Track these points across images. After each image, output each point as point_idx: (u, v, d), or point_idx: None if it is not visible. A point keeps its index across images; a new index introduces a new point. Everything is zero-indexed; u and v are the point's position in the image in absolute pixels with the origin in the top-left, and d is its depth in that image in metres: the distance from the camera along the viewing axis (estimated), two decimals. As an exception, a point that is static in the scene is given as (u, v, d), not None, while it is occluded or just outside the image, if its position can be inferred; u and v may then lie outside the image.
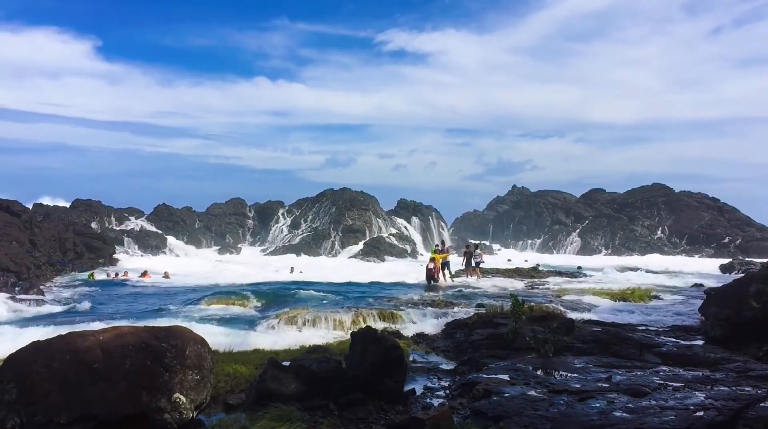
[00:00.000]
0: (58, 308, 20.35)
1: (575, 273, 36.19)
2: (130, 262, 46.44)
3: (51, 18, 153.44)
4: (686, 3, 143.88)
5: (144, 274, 38.68)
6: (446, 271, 29.75)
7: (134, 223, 63.69)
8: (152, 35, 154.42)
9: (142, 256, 52.76)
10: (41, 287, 25.82)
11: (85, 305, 21.01)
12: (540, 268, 37.71)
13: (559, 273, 35.30)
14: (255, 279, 31.53)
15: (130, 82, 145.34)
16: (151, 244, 59.01)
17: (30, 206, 51.74)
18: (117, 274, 37.23)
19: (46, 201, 58.57)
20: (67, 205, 60.92)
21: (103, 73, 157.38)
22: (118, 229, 60.71)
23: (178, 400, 5.90)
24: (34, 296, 23.37)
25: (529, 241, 75.74)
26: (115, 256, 47.14)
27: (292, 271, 37.87)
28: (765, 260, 12.15)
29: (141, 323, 7.88)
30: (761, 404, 6.86)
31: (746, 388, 7.74)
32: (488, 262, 32.90)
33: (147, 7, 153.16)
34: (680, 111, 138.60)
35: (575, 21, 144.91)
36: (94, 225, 56.54)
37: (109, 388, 5.81)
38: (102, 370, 5.84)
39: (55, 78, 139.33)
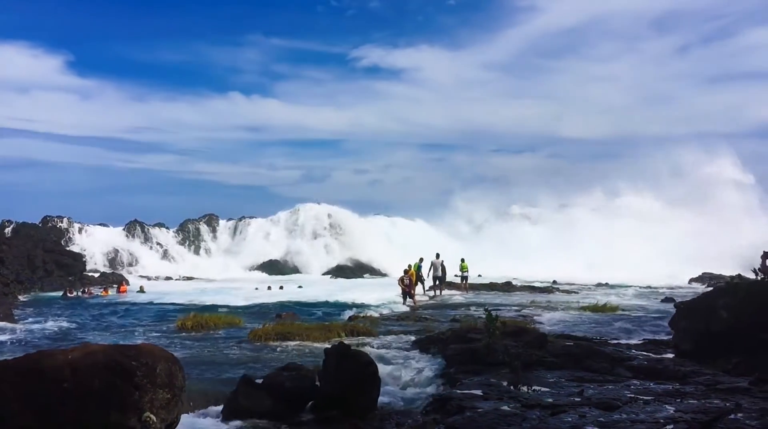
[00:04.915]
0: (29, 328, 19.88)
1: (549, 288, 36.46)
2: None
3: (22, 33, 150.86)
4: (655, 21, 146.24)
5: (121, 286, 38.17)
6: (422, 286, 29.90)
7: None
8: (125, 50, 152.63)
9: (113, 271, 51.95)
10: (11, 307, 25.28)
11: (59, 324, 20.54)
12: (514, 283, 37.94)
13: (532, 288, 35.55)
14: (231, 295, 31.26)
15: (103, 97, 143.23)
16: (122, 260, 58.23)
17: (-2, 223, 50.93)
18: (90, 291, 36.65)
19: (16, 217, 57.64)
20: (37, 221, 59.96)
21: (75, 88, 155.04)
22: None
23: (148, 419, 5.83)
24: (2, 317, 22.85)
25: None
26: (85, 273, 46.40)
27: (269, 289, 37.65)
28: (734, 273, 12.44)
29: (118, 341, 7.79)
30: (729, 417, 6.96)
31: (715, 401, 7.86)
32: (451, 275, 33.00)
33: (120, 22, 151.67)
34: (650, 127, 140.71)
35: (547, 38, 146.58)
36: (63, 242, 55.64)
37: (79, 408, 5.73)
38: (71, 390, 5.76)
39: (25, 93, 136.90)
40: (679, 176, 70.08)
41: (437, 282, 30.66)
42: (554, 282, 41.44)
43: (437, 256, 31.17)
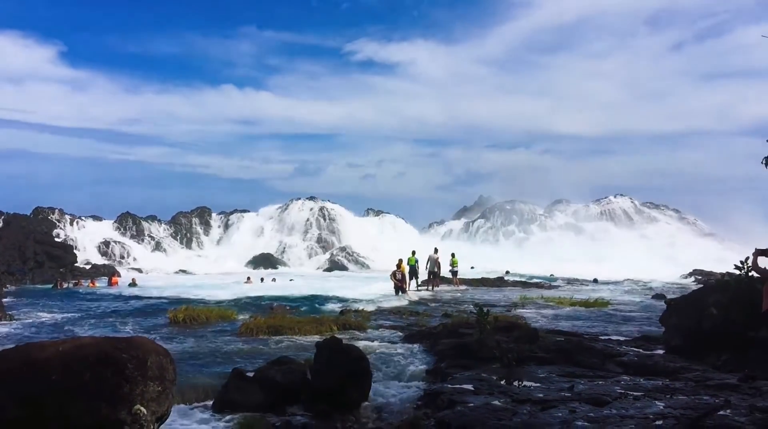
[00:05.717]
0: (19, 320, 19.78)
1: (542, 282, 36.50)
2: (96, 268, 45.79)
3: (14, 22, 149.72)
4: (649, 18, 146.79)
5: (112, 278, 38.07)
6: (416, 280, 29.98)
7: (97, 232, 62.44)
8: (118, 41, 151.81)
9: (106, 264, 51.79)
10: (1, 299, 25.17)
11: (50, 316, 20.44)
12: (507, 278, 37.99)
13: (524, 283, 35.59)
14: (222, 289, 31.21)
15: (96, 88, 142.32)
16: (114, 252, 58.07)
17: (-11, 214, 50.68)
18: (81, 283, 36.54)
19: (7, 208, 57.34)
20: (28, 212, 59.68)
21: (67, 79, 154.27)
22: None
23: (138, 411, 5.80)
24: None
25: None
26: (77, 264, 46.27)
27: (262, 281, 37.62)
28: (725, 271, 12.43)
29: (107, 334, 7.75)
30: (719, 413, 6.99)
31: (704, 397, 7.90)
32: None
33: (112, 13, 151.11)
34: (644, 124, 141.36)
35: (542, 34, 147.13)
36: (55, 233, 55.42)
37: (68, 401, 5.69)
38: (61, 382, 5.72)
39: (18, 83, 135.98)
40: (673, 174, 70.59)
41: (432, 276, 30.72)
42: (552, 275, 41.67)
43: (435, 250, 31.20)
